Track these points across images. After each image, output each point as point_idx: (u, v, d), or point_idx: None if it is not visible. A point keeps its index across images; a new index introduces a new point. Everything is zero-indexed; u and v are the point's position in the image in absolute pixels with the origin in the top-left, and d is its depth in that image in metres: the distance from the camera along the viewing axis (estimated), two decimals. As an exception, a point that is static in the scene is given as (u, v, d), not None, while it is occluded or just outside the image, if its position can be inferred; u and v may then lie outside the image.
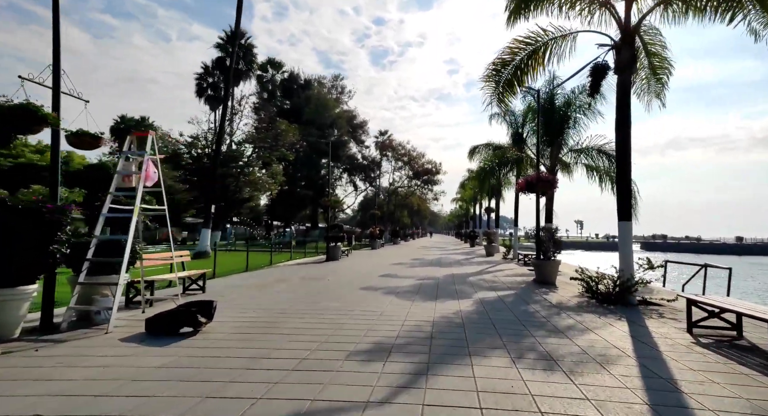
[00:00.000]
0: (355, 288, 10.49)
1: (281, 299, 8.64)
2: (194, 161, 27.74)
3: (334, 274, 14.11)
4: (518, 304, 8.45)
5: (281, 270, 15.59)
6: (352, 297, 9.01)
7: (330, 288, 10.44)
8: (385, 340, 5.40)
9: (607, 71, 9.42)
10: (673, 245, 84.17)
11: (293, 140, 31.23)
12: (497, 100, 10.69)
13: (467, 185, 42.05)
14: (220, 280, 12.14)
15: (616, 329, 6.33)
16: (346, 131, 53.52)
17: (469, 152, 25.15)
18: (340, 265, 18.14)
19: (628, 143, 9.19)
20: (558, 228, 12.13)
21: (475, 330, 6.07)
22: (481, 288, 10.85)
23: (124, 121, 64.51)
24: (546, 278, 11.85)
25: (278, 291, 9.76)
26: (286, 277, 12.88)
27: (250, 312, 7.08)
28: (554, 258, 11.94)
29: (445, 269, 16.63)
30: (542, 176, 11.99)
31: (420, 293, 9.87)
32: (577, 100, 15.43)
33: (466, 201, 56.65)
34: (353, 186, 58.96)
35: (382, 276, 13.66)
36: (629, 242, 9.08)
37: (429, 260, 21.32)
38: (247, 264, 16.02)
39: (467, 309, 7.80)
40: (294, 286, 10.78)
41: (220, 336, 5.45)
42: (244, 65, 43.33)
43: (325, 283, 11.52)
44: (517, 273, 14.88)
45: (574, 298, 9.19)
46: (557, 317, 7.19)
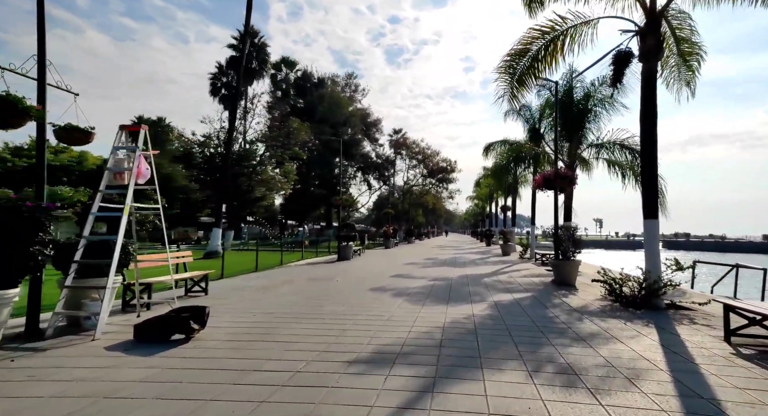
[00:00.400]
0: (363, 290, 10.07)
1: (285, 302, 8.26)
2: (207, 161, 27.68)
3: (344, 275, 13.72)
4: (536, 308, 7.92)
5: (290, 271, 15.27)
6: (359, 300, 8.60)
7: (337, 290, 10.04)
8: (389, 349, 4.96)
9: (631, 59, 8.81)
10: (696, 244, 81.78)
11: (305, 139, 30.95)
12: (512, 93, 10.14)
13: (482, 183, 41.33)
14: (227, 281, 11.85)
15: (645, 337, 5.77)
16: (359, 129, 53.20)
17: (484, 149, 24.57)
18: (351, 265, 17.76)
19: (654, 135, 8.57)
20: (577, 227, 11.54)
21: (488, 338, 5.58)
22: (496, 290, 10.33)
23: (141, 121, 65.43)
24: (565, 279, 11.26)
25: (283, 293, 9.39)
26: (294, 278, 12.53)
27: (250, 317, 6.71)
28: (574, 258, 11.35)
29: (459, 269, 16.11)
30: (561, 172, 11.39)
31: (431, 295, 9.41)
32: (597, 93, 14.74)
33: (482, 199, 55.87)
34: (367, 185, 58.65)
35: (393, 277, 13.22)
36: (656, 241, 8.47)
37: (443, 260, 20.80)
38: (257, 264, 15.75)
39: (480, 314, 7.31)
40: (300, 288, 10.41)
41: (213, 344, 5.08)
42: (257, 64, 43.28)
43: (333, 284, 11.13)
44: (535, 274, 14.28)
45: (596, 301, 8.61)
46: (578, 323, 6.65)
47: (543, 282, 11.89)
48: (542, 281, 12.05)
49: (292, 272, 14.71)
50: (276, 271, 15.10)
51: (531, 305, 8.23)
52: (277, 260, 18.21)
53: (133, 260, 6.34)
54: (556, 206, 12.21)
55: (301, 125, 30.73)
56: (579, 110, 15.06)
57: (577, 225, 11.59)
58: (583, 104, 14.90)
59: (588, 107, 14.95)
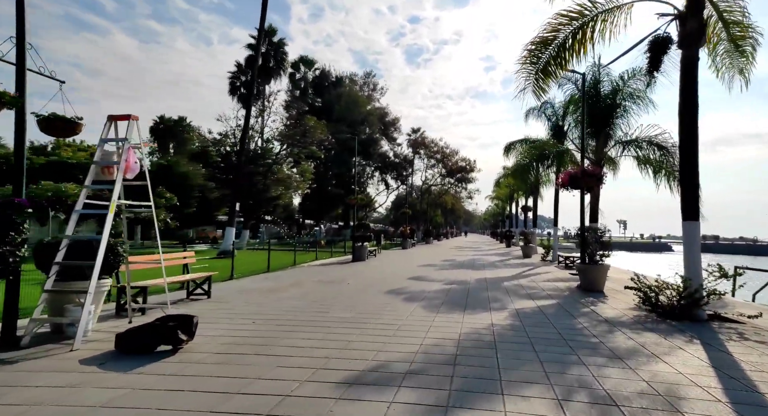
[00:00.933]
0: (375, 294, 9.49)
1: (289, 307, 7.74)
2: (223, 159, 27.53)
3: (357, 276, 13.17)
4: (562, 317, 7.21)
5: (302, 272, 14.80)
6: (369, 305, 8.02)
7: (347, 294, 9.49)
8: (396, 367, 4.37)
9: (669, 45, 8.01)
10: (726, 247, 78.83)
11: (321, 137, 30.55)
12: (536, 85, 9.39)
13: (502, 183, 40.30)
14: (234, 283, 11.43)
15: (690, 355, 5.04)
16: (377, 128, 52.68)
17: (505, 148, 23.77)
18: (365, 266, 17.21)
19: (695, 129, 7.76)
20: (606, 228, 10.72)
21: (509, 354, 4.94)
22: (517, 296, 9.62)
23: (162, 121, 66.04)
24: (592, 285, 10.48)
25: (289, 297, 8.88)
26: (304, 280, 12.03)
27: (248, 324, 6.20)
28: (602, 262, 10.55)
29: (478, 272, 15.40)
30: (588, 170, 10.60)
31: (447, 301, 8.77)
32: (627, 87, 13.83)
33: (502, 200, 54.75)
34: (385, 185, 58.05)
35: (409, 279, 12.61)
36: (696, 245, 7.66)
37: (461, 262, 20.08)
38: (269, 265, 15.34)
39: (501, 323, 6.65)
40: (309, 291, 9.89)
41: (200, 357, 4.56)
42: (274, 63, 43.17)
43: (344, 287, 10.58)
44: (558, 278, 13.48)
45: (629, 311, 7.84)
46: (611, 336, 5.94)
47: (568, 288, 11.12)
48: (567, 287, 11.28)
49: (304, 273, 14.23)
50: (287, 272, 14.65)
51: (556, 314, 7.52)
52: (291, 261, 17.79)
53: (124, 261, 5.89)
54: (582, 206, 11.42)
55: (317, 123, 30.32)
56: (606, 105, 14.18)
57: (605, 227, 10.78)
58: (611, 98, 14.01)
59: (616, 101, 14.06)
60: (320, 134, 30.56)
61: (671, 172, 13.18)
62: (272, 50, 42.85)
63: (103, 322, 6.12)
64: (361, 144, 49.88)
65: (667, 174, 13.06)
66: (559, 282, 12.32)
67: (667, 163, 13.04)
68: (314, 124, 30.34)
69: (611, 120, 14.32)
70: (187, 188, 26.21)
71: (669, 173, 13.22)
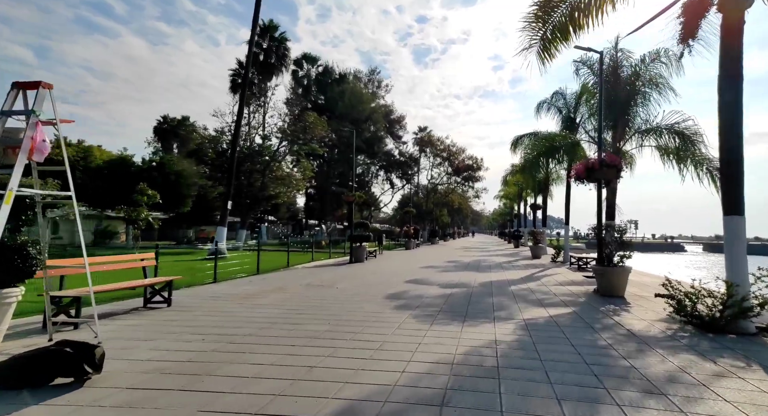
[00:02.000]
0: (363, 300, 8.36)
1: (259, 317, 6.63)
2: (219, 156, 26.56)
3: (350, 280, 12.04)
4: (580, 331, 6.02)
5: (293, 274, 13.70)
6: (352, 315, 6.88)
7: (333, 300, 8.36)
8: (362, 409, 3.23)
9: (708, 8, 6.79)
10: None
11: (322, 133, 29.48)
12: (543, 46, 8.15)
13: (510, 181, 39.00)
14: (212, 287, 10.37)
15: (751, 384, 3.86)
16: (382, 126, 51.56)
17: (512, 143, 22.43)
18: (362, 268, 16.09)
19: (739, 106, 6.54)
20: (627, 225, 9.48)
21: (516, 386, 3.78)
22: (525, 302, 8.43)
23: (166, 121, 65.47)
24: (612, 289, 9.26)
25: (265, 305, 7.77)
26: (290, 284, 10.93)
27: (194, 343, 5.08)
28: (623, 265, 9.32)
29: (483, 274, 14.20)
30: (607, 160, 9.38)
31: (445, 309, 7.61)
32: (649, 70, 12.55)
33: (510, 199, 53.35)
34: (390, 184, 56.88)
35: (406, 283, 11.47)
36: (741, 244, 6.44)
37: (465, 263, 18.87)
38: (258, 267, 14.27)
39: (506, 339, 5.48)
40: (290, 297, 8.78)
41: (103, 394, 3.45)
42: (276, 59, 42.14)
43: (332, 293, 9.45)
44: (571, 281, 12.26)
45: (660, 322, 6.62)
46: (644, 357, 4.75)
47: (584, 293, 9.90)
48: (582, 292, 10.06)
49: (294, 276, 13.13)
50: (277, 275, 13.56)
51: (573, 326, 6.33)
52: (286, 262, 16.72)
53: (41, 266, 4.80)
54: (600, 202, 10.19)
55: (317, 119, 29.24)
56: (625, 92, 12.93)
57: (626, 224, 9.53)
58: (630, 84, 12.75)
59: (636, 87, 12.79)
60: (321, 130, 29.48)
61: (697, 162, 11.89)
62: (273, 46, 41.82)
63: (21, 339, 5.05)
64: (365, 142, 48.87)
65: (695, 164, 11.76)
66: (572, 286, 11.10)
67: (694, 152, 11.73)
68: (314, 120, 29.28)
69: (630, 108, 13.06)
70: (181, 186, 25.28)
71: (695, 163, 11.93)
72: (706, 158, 11.75)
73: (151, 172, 23.71)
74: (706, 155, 11.42)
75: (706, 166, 11.75)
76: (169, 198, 24.66)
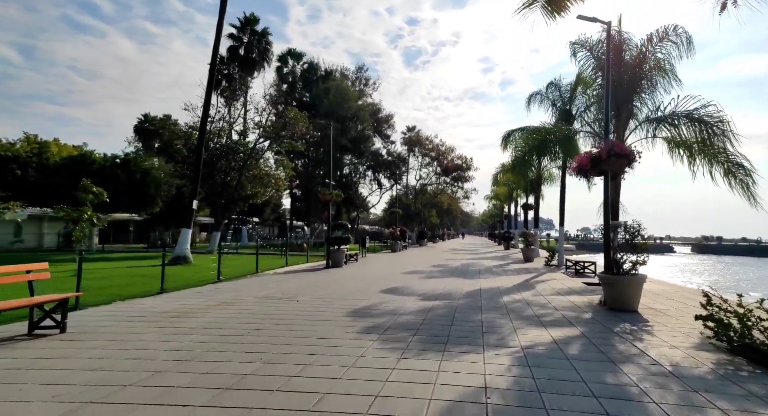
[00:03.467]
0: (322, 319, 6.76)
1: (169, 350, 5.00)
2: (192, 153, 24.74)
3: (318, 289, 10.44)
4: (598, 367, 4.49)
5: (257, 282, 12.06)
6: (299, 344, 5.28)
7: (282, 320, 6.75)
8: None
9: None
10: (729, 248, 76.23)
11: (303, 130, 27.78)
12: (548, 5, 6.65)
13: (500, 180, 37.66)
14: (145, 302, 8.71)
15: None
16: (369, 124, 49.89)
17: (503, 139, 20.83)
18: (339, 274, 14.49)
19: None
20: (640, 225, 7.98)
21: None
22: (521, 320, 6.90)
23: (147, 120, 63.28)
24: (622, 302, 7.77)
25: (195, 327, 6.15)
26: (244, 296, 9.29)
27: (37, 404, 3.46)
28: (636, 273, 7.84)
29: (472, 281, 12.68)
30: (616, 148, 7.90)
31: (422, 331, 6.04)
32: (657, 51, 11.11)
33: (500, 199, 52.14)
34: (378, 184, 55.22)
35: (382, 293, 9.91)
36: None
37: (453, 268, 17.34)
38: (219, 273, 12.63)
39: (500, 381, 3.93)
40: (232, 316, 7.15)
41: None
42: (257, 54, 40.38)
43: (288, 308, 7.84)
44: (570, 289, 10.79)
45: (698, 351, 5.11)
46: (691, 410, 3.23)
47: (587, 305, 8.41)
48: (585, 304, 8.56)
49: (257, 284, 11.49)
50: (237, 283, 11.91)
51: (587, 358, 4.80)
52: (258, 266, 15.08)
53: None
54: (607, 196, 8.70)
55: (299, 115, 27.56)
56: (630, 77, 11.50)
57: (639, 223, 8.04)
58: (637, 66, 11.31)
59: (643, 72, 11.37)
60: (302, 126, 27.79)
61: (712, 155, 10.48)
62: (255, 40, 40.08)
63: None
64: (352, 141, 47.18)
65: (708, 158, 10.34)
66: (572, 296, 9.61)
67: (711, 144, 10.30)
68: (295, 115, 27.59)
69: (635, 95, 11.64)
70: (148, 185, 23.45)
71: (708, 156, 10.52)
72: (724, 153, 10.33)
73: (115, 169, 21.84)
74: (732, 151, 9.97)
75: (721, 161, 10.34)
76: (135, 198, 22.82)
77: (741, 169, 10.26)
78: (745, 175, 10.20)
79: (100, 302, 8.45)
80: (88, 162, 21.15)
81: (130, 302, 8.46)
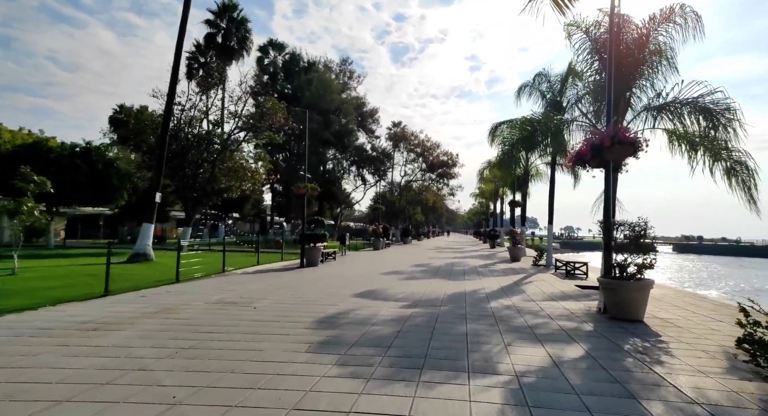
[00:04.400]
0: (273, 333, 5.61)
1: (46, 381, 3.82)
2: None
3: (284, 292, 9.27)
4: (615, 404, 3.44)
5: (217, 283, 10.84)
6: (232, 369, 4.14)
7: (227, 334, 5.58)
8: None
9: None
10: (710, 247, 77.04)
11: (281, 121, 26.39)
12: None
13: (486, 176, 36.83)
14: (75, 307, 7.46)
15: None
16: (353, 118, 48.60)
17: (490, 132, 19.81)
18: (311, 274, 13.33)
19: None
20: (647, 223, 7.01)
21: None
22: (513, 332, 5.85)
23: (123, 110, 60.97)
24: (626, 311, 6.79)
25: (97, 350, 4.94)
26: (194, 300, 8.07)
27: None
28: (642, 277, 6.86)
29: (456, 282, 11.64)
30: (621, 135, 6.90)
31: (395, 349, 4.95)
32: (659, 33, 10.16)
33: (486, 197, 51.42)
34: (362, 180, 53.97)
35: (355, 297, 8.80)
36: None
37: (436, 268, 16.31)
38: (178, 273, 11.39)
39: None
40: (166, 327, 5.96)
41: None
42: (236, 42, 38.71)
43: (240, 317, 6.67)
44: (563, 293, 9.82)
45: (732, 380, 4.10)
46: None
47: (585, 313, 7.42)
48: (583, 311, 7.57)
49: (216, 286, 10.28)
50: (194, 284, 10.68)
51: (598, 390, 3.75)
52: (229, 264, 13.82)
53: None
54: (608, 190, 7.70)
55: (276, 105, 26.16)
56: (629, 62, 10.55)
57: (646, 221, 7.07)
58: (638, 48, 10.35)
59: (644, 56, 10.43)
60: (281, 117, 26.40)
61: (715, 150, 9.60)
62: (233, 27, 38.39)
63: None
64: (335, 135, 45.85)
65: (711, 154, 9.45)
66: (567, 302, 8.63)
67: (714, 137, 9.41)
68: (272, 105, 26.19)
69: (634, 82, 10.72)
70: (112, 176, 21.88)
71: (709, 150, 9.65)
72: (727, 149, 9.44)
73: (74, 159, 20.25)
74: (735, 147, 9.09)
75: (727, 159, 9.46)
76: (97, 190, 21.24)
77: (744, 168, 9.41)
78: (748, 175, 9.34)
79: (26, 306, 7.24)
80: (43, 150, 19.50)
81: (59, 308, 7.23)
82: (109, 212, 37.37)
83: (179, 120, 24.38)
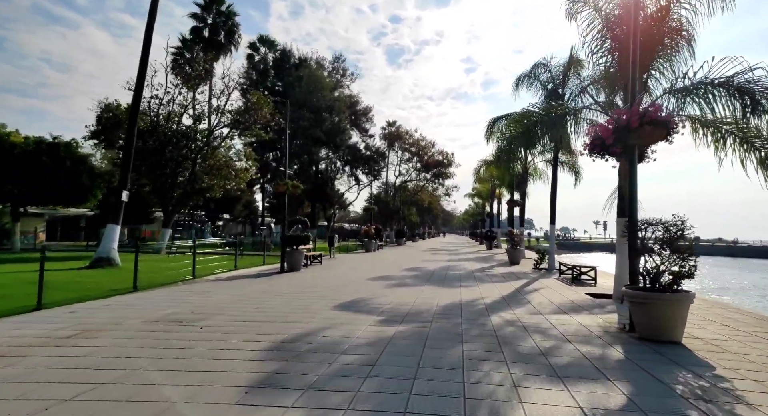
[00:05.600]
0: (205, 369, 4.23)
1: None
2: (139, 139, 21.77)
3: (248, 304, 7.89)
4: None
5: (173, 294, 9.46)
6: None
7: (137, 373, 4.19)
8: None
9: None
10: (707, 248, 76.10)
11: (267, 117, 24.98)
12: None
13: (483, 175, 35.55)
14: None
15: None
16: (346, 116, 47.22)
17: (487, 127, 18.59)
18: (290, 281, 11.96)
19: None
20: (685, 222, 5.70)
21: None
22: (520, 360, 4.49)
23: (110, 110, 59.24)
24: (661, 330, 5.46)
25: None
26: (131, 317, 6.67)
27: None
28: (679, 288, 5.54)
29: (450, 290, 10.31)
30: (654, 114, 5.59)
31: (367, 387, 3.58)
32: (682, 1, 8.86)
33: (482, 197, 50.20)
34: (355, 180, 52.54)
35: (334, 309, 7.45)
36: None
37: (429, 272, 14.95)
38: (135, 281, 10.03)
39: None
40: (56, 363, 4.57)
41: None
42: (224, 37, 37.26)
43: (173, 343, 5.28)
44: (573, 303, 8.49)
45: None
46: None
47: (606, 331, 6.08)
48: (601, 329, 6.24)
49: (169, 298, 8.89)
50: (148, 295, 9.30)
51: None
52: (205, 269, 12.42)
53: None
54: (633, 181, 6.38)
55: (263, 99, 24.78)
56: (647, 39, 9.25)
57: (683, 219, 5.75)
58: (656, 23, 9.06)
59: (665, 30, 9.13)
60: (266, 111, 24.99)
61: (749, 138, 8.29)
62: (220, 21, 36.96)
63: None
64: (327, 133, 44.41)
65: (745, 141, 8.13)
66: (581, 315, 7.30)
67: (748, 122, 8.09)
68: (258, 100, 24.81)
69: (651, 62, 9.43)
70: (81, 175, 20.41)
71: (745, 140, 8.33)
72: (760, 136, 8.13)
73: (40, 156, 18.78)
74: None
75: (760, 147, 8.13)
76: (64, 189, 19.75)
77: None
78: None
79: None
80: (6, 146, 18.04)
81: None
82: (91, 213, 35.82)
83: (157, 114, 22.97)
